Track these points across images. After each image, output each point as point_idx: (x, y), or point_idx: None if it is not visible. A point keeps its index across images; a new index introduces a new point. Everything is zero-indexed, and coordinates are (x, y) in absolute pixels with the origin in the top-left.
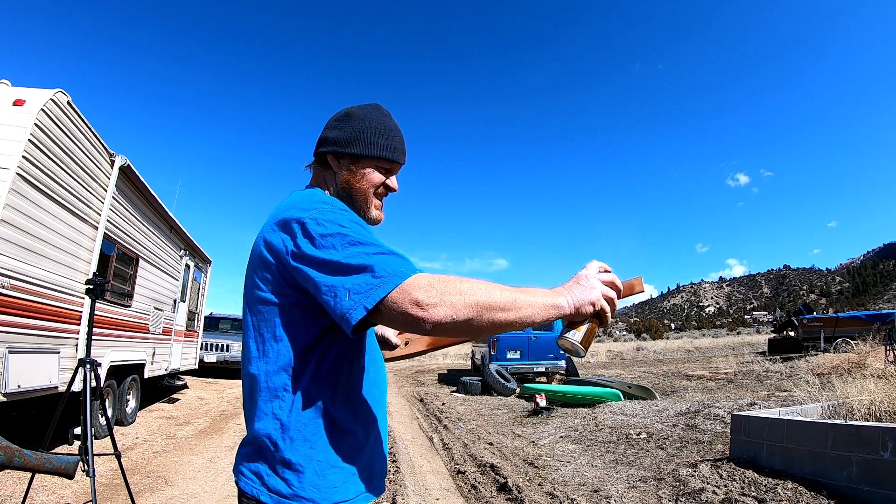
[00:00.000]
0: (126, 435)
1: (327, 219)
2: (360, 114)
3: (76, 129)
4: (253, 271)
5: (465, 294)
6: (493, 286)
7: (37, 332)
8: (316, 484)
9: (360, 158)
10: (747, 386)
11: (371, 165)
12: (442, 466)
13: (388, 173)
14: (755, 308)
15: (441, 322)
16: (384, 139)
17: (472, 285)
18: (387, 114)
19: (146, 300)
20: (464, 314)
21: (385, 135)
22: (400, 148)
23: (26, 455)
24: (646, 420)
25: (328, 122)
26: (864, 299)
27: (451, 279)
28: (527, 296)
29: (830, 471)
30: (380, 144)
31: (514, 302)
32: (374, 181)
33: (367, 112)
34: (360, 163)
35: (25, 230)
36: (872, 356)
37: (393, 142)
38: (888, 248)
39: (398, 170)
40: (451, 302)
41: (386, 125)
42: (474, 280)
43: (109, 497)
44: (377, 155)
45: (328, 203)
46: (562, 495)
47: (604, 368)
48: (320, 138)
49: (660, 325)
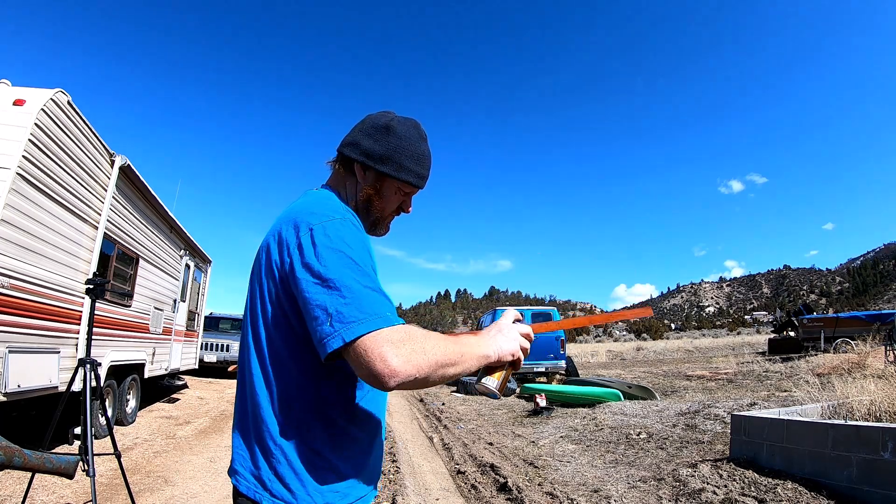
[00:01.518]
0: (126, 435)
1: (337, 232)
2: (400, 131)
3: (76, 128)
4: (260, 269)
5: (428, 353)
6: (447, 341)
7: (37, 331)
8: (320, 490)
9: (386, 177)
10: (747, 386)
11: (395, 188)
12: (442, 466)
13: (407, 196)
14: (755, 308)
15: (401, 383)
16: (417, 165)
17: (434, 343)
18: (424, 136)
19: (146, 300)
20: (423, 372)
21: (419, 161)
22: (427, 175)
23: (26, 455)
24: (646, 420)
25: (364, 124)
26: (864, 299)
27: (419, 336)
28: (468, 349)
29: (830, 471)
30: (411, 171)
31: (461, 356)
32: (394, 203)
33: (406, 130)
34: (386, 182)
35: (26, 230)
36: (872, 356)
37: (423, 169)
38: (888, 249)
39: (416, 193)
40: (415, 363)
41: (421, 151)
42: (434, 336)
43: (109, 497)
44: (405, 180)
45: (341, 214)
46: (562, 495)
47: (604, 368)
48: (351, 141)
49: (660, 326)
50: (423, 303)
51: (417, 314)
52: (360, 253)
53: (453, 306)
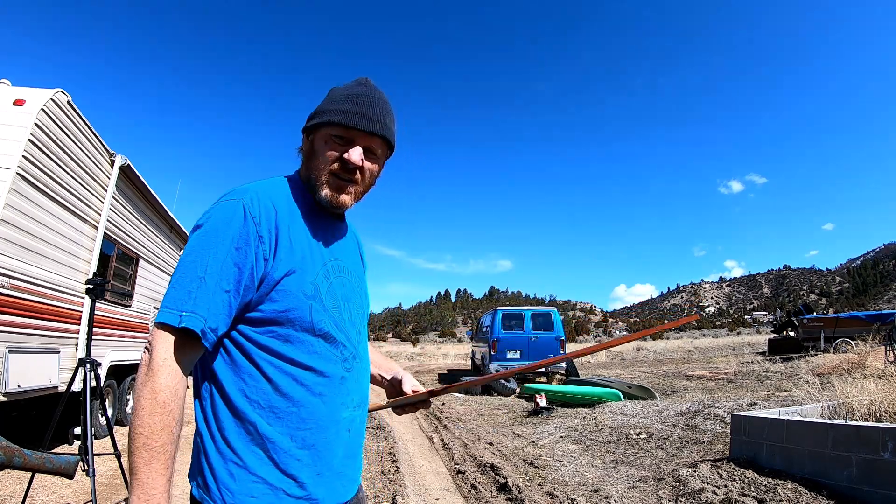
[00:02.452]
0: (126, 435)
1: (208, 213)
2: (336, 88)
3: (76, 128)
4: None
5: (155, 395)
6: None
7: (37, 331)
8: (232, 490)
9: (316, 131)
10: (747, 386)
11: (324, 137)
12: (442, 466)
13: (347, 145)
14: (755, 308)
15: (138, 400)
16: (338, 104)
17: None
18: (360, 82)
19: (146, 300)
20: (143, 408)
21: (347, 101)
22: (358, 112)
23: (26, 455)
24: (646, 420)
25: None
26: (864, 299)
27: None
28: (143, 458)
29: (830, 471)
30: (331, 110)
31: (137, 454)
32: (327, 155)
33: (344, 86)
34: (317, 136)
35: (26, 230)
36: (872, 356)
37: (348, 105)
38: (888, 249)
39: (365, 142)
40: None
41: (353, 92)
42: (168, 391)
43: (109, 497)
44: (327, 121)
45: (234, 195)
46: (562, 495)
47: (604, 368)
48: None
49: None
50: (423, 303)
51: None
52: (206, 233)
53: (453, 306)
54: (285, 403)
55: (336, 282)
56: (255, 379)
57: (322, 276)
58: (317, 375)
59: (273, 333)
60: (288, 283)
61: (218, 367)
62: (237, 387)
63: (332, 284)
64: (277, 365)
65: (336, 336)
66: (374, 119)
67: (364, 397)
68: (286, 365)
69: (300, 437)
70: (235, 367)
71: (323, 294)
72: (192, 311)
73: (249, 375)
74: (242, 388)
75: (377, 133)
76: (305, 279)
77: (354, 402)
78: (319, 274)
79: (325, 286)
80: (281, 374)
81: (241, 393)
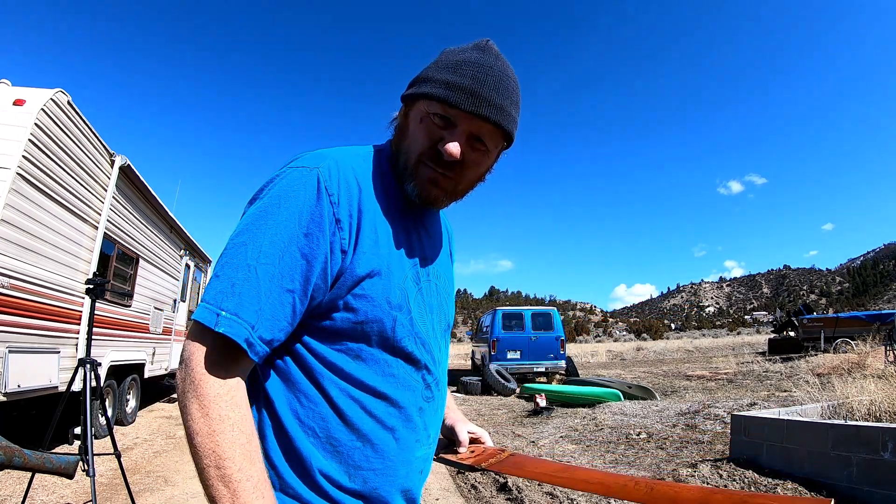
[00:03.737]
0: (126, 435)
1: (270, 182)
2: (447, 49)
3: (76, 128)
4: None
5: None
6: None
7: (37, 331)
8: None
9: (412, 102)
10: (747, 386)
11: (420, 112)
12: (442, 466)
13: (447, 127)
14: (755, 308)
15: (188, 423)
16: (445, 73)
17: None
18: (480, 46)
19: (146, 300)
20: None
21: (456, 69)
22: (463, 85)
23: (26, 455)
24: (646, 420)
25: None
26: (864, 299)
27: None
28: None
29: (830, 471)
30: (434, 80)
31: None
32: (423, 136)
33: (460, 48)
34: (413, 109)
35: (26, 230)
36: (872, 356)
37: (455, 76)
38: (888, 249)
39: (472, 127)
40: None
41: (467, 58)
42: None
43: (109, 497)
44: (426, 92)
45: (307, 162)
46: (562, 495)
47: (604, 368)
48: None
49: (660, 326)
50: None
51: None
52: (268, 207)
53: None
54: (348, 436)
55: (426, 287)
56: (312, 402)
57: (412, 279)
58: (389, 405)
59: (343, 348)
60: (370, 287)
61: (266, 377)
62: (289, 405)
63: (422, 291)
64: (343, 388)
65: (420, 357)
66: (486, 98)
67: (438, 431)
68: (353, 389)
69: (360, 478)
70: (289, 382)
71: (411, 303)
72: (235, 313)
73: (306, 396)
74: (295, 409)
75: (490, 118)
76: (392, 283)
77: (431, 439)
78: (408, 277)
79: (413, 293)
80: (346, 399)
81: (294, 414)
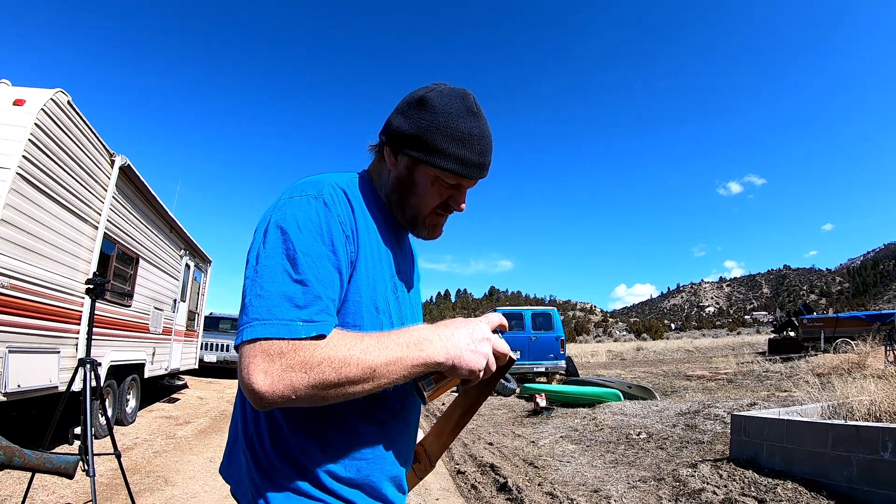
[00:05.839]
0: (126, 435)
1: (291, 211)
2: (436, 104)
3: (76, 128)
4: None
5: (312, 370)
6: (351, 354)
7: (37, 331)
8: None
9: (419, 163)
10: (747, 386)
11: (431, 177)
12: (442, 466)
13: (453, 189)
14: (755, 308)
15: (273, 405)
16: (457, 147)
17: (333, 354)
18: (472, 110)
19: (146, 300)
20: (302, 393)
21: (460, 142)
22: (475, 161)
23: (26, 455)
24: (646, 420)
25: (402, 100)
26: (864, 299)
27: (307, 347)
28: (404, 352)
29: (830, 471)
30: (449, 155)
31: (372, 373)
32: (433, 196)
33: (445, 103)
34: (419, 169)
35: (26, 230)
36: (872, 356)
37: (468, 152)
38: (888, 249)
39: (470, 185)
40: (288, 382)
41: (463, 128)
42: (345, 343)
43: (109, 497)
44: (442, 167)
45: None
46: (562, 495)
47: (604, 368)
48: (386, 120)
49: (660, 326)
50: (424, 303)
51: None
52: (304, 237)
53: (453, 306)
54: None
55: (402, 297)
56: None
57: (391, 289)
58: (378, 401)
59: None
60: (362, 294)
61: None
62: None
63: (399, 300)
64: None
65: None
66: (488, 165)
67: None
68: None
69: (354, 467)
70: None
71: (392, 311)
72: (310, 319)
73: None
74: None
75: (485, 176)
76: (377, 291)
77: (412, 428)
78: (388, 287)
79: (392, 301)
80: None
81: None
